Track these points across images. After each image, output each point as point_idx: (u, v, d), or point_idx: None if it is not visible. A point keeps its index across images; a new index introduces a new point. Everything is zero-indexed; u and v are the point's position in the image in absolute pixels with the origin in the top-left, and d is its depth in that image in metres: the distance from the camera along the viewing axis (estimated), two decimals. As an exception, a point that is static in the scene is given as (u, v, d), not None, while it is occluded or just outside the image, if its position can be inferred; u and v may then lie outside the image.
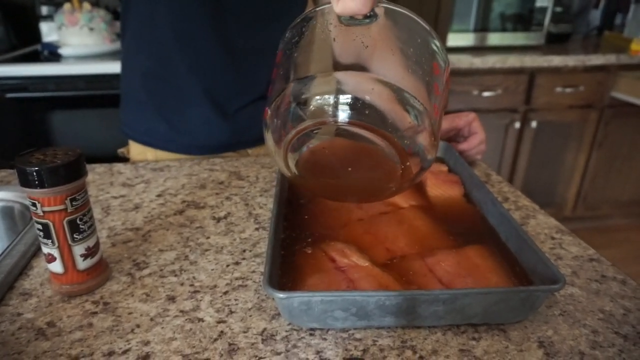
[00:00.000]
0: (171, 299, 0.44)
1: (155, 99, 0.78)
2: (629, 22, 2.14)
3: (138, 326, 0.41)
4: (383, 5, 0.38)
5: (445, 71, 0.40)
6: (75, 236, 0.42)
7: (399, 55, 0.38)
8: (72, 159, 0.40)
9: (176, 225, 0.57)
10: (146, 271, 0.48)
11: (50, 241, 0.42)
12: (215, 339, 0.39)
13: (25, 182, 0.39)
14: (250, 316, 0.42)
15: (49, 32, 1.81)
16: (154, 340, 0.39)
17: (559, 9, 2.04)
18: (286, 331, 0.40)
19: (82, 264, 0.43)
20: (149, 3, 0.72)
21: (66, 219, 0.41)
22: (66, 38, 1.66)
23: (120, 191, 0.66)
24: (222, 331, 0.40)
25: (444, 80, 0.40)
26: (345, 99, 0.36)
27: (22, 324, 0.41)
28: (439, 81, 0.39)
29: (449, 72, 0.41)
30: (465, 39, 1.89)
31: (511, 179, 2.02)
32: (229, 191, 0.66)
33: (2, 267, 0.47)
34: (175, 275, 0.47)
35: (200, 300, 0.44)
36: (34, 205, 0.40)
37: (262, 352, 0.38)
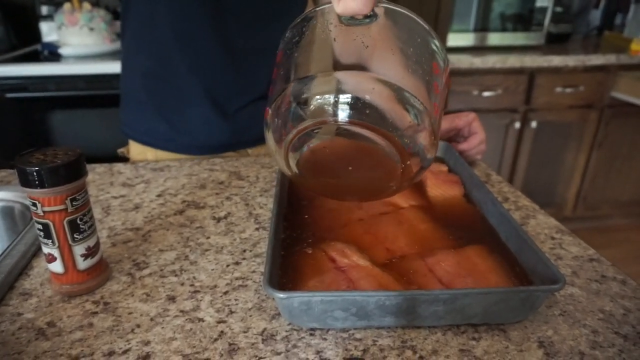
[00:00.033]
0: (171, 299, 0.44)
1: (155, 98, 0.78)
2: (629, 22, 2.14)
3: (138, 326, 0.41)
4: (383, 5, 0.39)
5: (444, 71, 0.41)
6: (75, 236, 0.42)
7: (399, 55, 0.38)
8: (72, 158, 0.40)
9: (176, 225, 0.57)
10: (146, 271, 0.48)
11: (50, 241, 0.42)
12: (216, 339, 0.39)
13: (26, 182, 0.39)
14: (251, 316, 0.42)
15: (49, 32, 1.81)
16: (154, 340, 0.39)
17: (559, 9, 2.04)
18: (286, 331, 0.40)
19: (82, 264, 0.44)
20: (149, 3, 0.72)
21: (66, 219, 0.41)
22: (66, 38, 1.66)
23: (120, 191, 0.66)
24: (222, 331, 0.40)
25: (444, 80, 0.40)
26: (346, 98, 0.36)
27: (22, 323, 0.41)
28: (438, 81, 0.39)
29: (448, 71, 0.41)
30: (465, 39, 1.89)
31: (511, 179, 2.02)
32: (229, 191, 0.66)
33: (2, 267, 0.47)
34: (176, 275, 0.47)
35: (201, 300, 0.44)
36: (34, 205, 0.40)
37: (262, 352, 0.38)
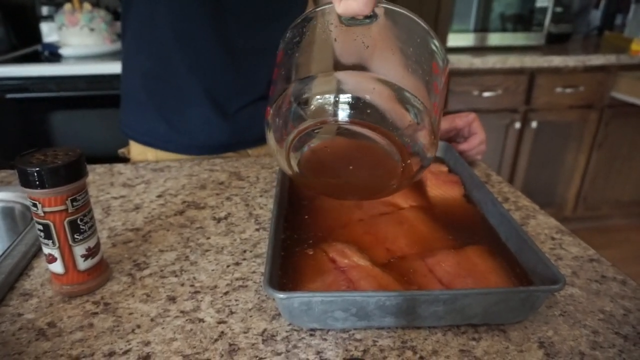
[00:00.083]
0: (172, 299, 0.44)
1: (155, 99, 0.78)
2: (629, 22, 2.14)
3: (139, 326, 0.41)
4: (383, 6, 0.39)
5: (444, 70, 0.41)
6: (75, 236, 0.42)
7: (399, 55, 0.38)
8: (72, 159, 0.40)
9: (176, 225, 0.57)
10: (146, 271, 0.48)
11: (50, 241, 0.42)
12: (216, 340, 0.39)
13: (26, 182, 0.39)
14: (251, 316, 0.42)
15: (49, 32, 1.81)
16: (154, 340, 0.39)
17: (559, 9, 2.04)
18: (286, 331, 0.40)
19: (82, 264, 0.44)
20: (149, 3, 0.72)
21: (67, 219, 0.41)
22: (66, 38, 1.66)
23: (120, 191, 0.66)
24: (222, 331, 0.40)
25: (443, 80, 0.41)
26: (346, 98, 0.36)
27: (22, 324, 0.41)
28: (438, 80, 0.40)
29: (447, 71, 0.42)
30: (466, 39, 1.89)
31: (511, 179, 2.02)
32: (229, 192, 0.66)
33: (2, 268, 0.47)
34: (176, 276, 0.47)
35: (201, 301, 0.44)
36: (34, 205, 0.40)
37: (262, 352, 0.38)
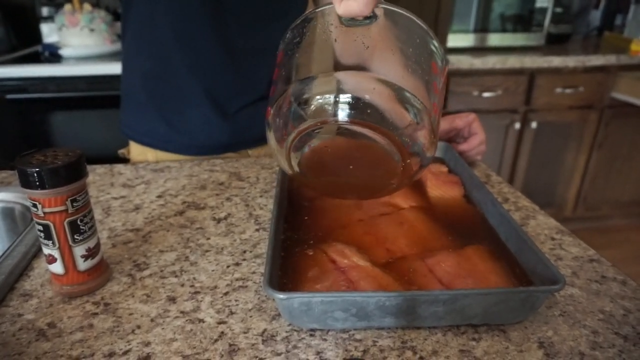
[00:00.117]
0: (172, 299, 0.44)
1: (155, 99, 0.78)
2: (629, 22, 2.14)
3: (139, 327, 0.41)
4: (382, 6, 0.39)
5: (443, 70, 0.41)
6: (75, 237, 0.42)
7: (399, 55, 0.38)
8: (72, 159, 0.40)
9: (176, 226, 0.57)
10: (147, 272, 0.48)
11: (50, 242, 0.42)
12: (216, 340, 0.39)
13: (26, 183, 0.39)
14: (251, 317, 0.42)
15: (49, 33, 1.81)
16: (154, 341, 0.39)
17: (559, 10, 2.04)
18: (286, 332, 0.40)
19: (82, 264, 0.44)
20: (149, 3, 0.72)
21: (67, 219, 0.41)
22: (67, 39, 1.66)
23: (120, 192, 0.66)
24: (222, 332, 0.40)
25: (443, 80, 0.41)
26: (346, 98, 0.36)
27: (22, 324, 0.41)
28: (437, 80, 0.40)
29: (446, 71, 0.42)
30: (465, 39, 1.89)
31: (511, 179, 2.02)
32: (229, 192, 0.66)
33: (2, 268, 0.47)
34: (176, 276, 0.47)
35: (201, 301, 0.44)
36: (34, 206, 0.40)
37: (262, 352, 0.38)
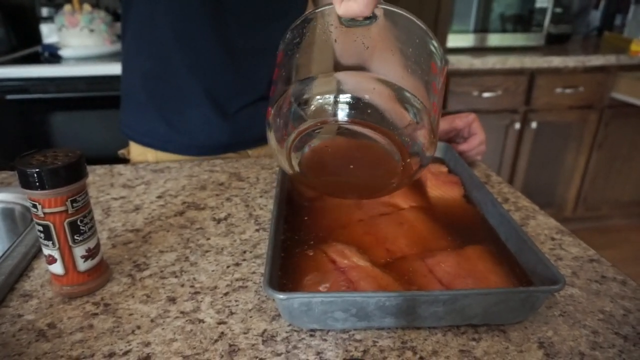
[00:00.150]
0: (172, 300, 0.44)
1: (155, 99, 0.78)
2: (628, 22, 2.14)
3: (139, 327, 0.41)
4: (382, 7, 0.39)
5: (442, 70, 0.41)
6: (75, 237, 0.42)
7: (399, 56, 0.39)
8: (72, 160, 0.40)
9: (176, 226, 0.57)
10: (147, 272, 0.48)
11: (50, 242, 0.42)
12: (216, 340, 0.39)
13: (26, 183, 0.39)
14: (251, 317, 0.42)
15: (49, 33, 1.81)
16: (154, 341, 0.39)
17: (558, 10, 2.04)
18: (286, 332, 0.40)
19: (82, 265, 0.44)
20: (149, 3, 0.72)
21: (67, 220, 0.41)
22: (66, 39, 1.66)
23: (120, 192, 0.66)
24: (222, 332, 0.40)
25: (442, 80, 0.41)
26: (346, 98, 0.36)
27: (22, 325, 0.41)
28: (437, 80, 0.40)
29: (446, 71, 0.42)
30: (465, 39, 1.89)
31: (511, 179, 2.02)
32: (229, 192, 0.66)
33: (2, 269, 0.47)
34: (176, 277, 0.47)
35: (201, 302, 0.44)
36: (34, 206, 0.40)
37: (262, 353, 0.38)
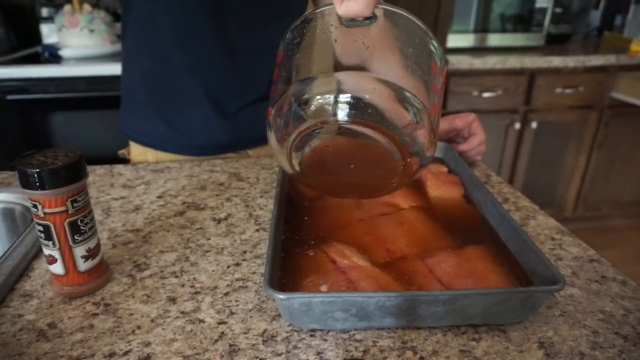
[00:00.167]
0: (172, 300, 0.44)
1: (155, 99, 0.78)
2: (628, 22, 2.14)
3: (139, 327, 0.41)
4: (382, 7, 0.39)
5: (442, 70, 0.41)
6: (76, 237, 0.42)
7: (399, 56, 0.39)
8: (72, 160, 0.40)
9: (177, 226, 0.57)
10: (147, 272, 0.48)
11: (51, 243, 0.42)
12: (216, 340, 0.39)
13: (26, 183, 0.39)
14: (251, 317, 0.42)
15: (49, 33, 1.81)
16: (154, 341, 0.39)
17: (558, 10, 2.04)
18: (287, 332, 0.40)
19: (83, 265, 0.44)
20: (149, 3, 0.72)
21: (67, 220, 0.41)
22: (66, 40, 1.66)
23: (120, 192, 0.66)
24: (222, 332, 0.40)
25: (441, 80, 0.41)
26: (346, 98, 0.37)
27: (23, 325, 0.41)
28: (436, 80, 0.40)
29: (445, 71, 0.42)
30: (465, 39, 1.89)
31: (511, 179, 2.02)
32: (229, 192, 0.66)
33: (3, 269, 0.47)
34: (176, 277, 0.48)
35: (201, 302, 0.44)
36: (34, 206, 0.40)
37: (262, 353, 0.38)
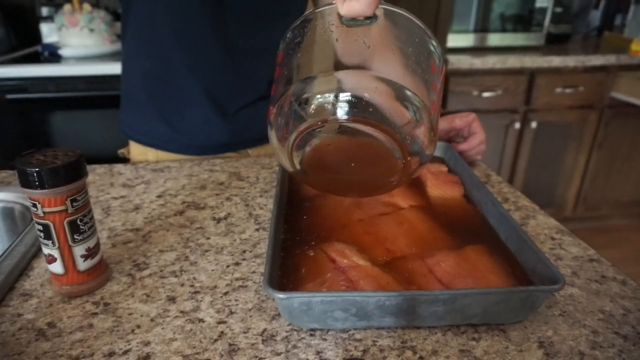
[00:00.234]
0: (171, 299, 0.44)
1: (155, 99, 0.78)
2: (628, 22, 2.14)
3: (138, 327, 0.41)
4: (382, 7, 0.39)
5: (441, 70, 0.41)
6: (75, 237, 0.42)
7: (399, 55, 0.39)
8: (72, 159, 0.40)
9: (176, 226, 0.57)
10: (146, 272, 0.48)
11: (50, 242, 0.42)
12: (216, 340, 0.39)
13: (26, 182, 0.39)
14: (251, 317, 0.42)
15: (49, 33, 1.81)
16: (154, 340, 0.39)
17: (558, 10, 2.04)
18: (286, 331, 0.40)
19: (82, 264, 0.44)
20: (149, 3, 0.72)
21: (66, 219, 0.41)
22: (66, 39, 1.66)
23: (120, 192, 0.66)
24: (222, 332, 0.40)
25: (441, 79, 0.41)
26: (346, 96, 0.37)
27: (22, 324, 0.41)
28: (436, 79, 0.40)
29: (444, 70, 0.42)
30: (465, 39, 1.89)
31: (511, 179, 2.02)
32: (229, 192, 0.66)
33: (2, 268, 0.47)
34: (176, 276, 0.47)
35: (201, 301, 0.44)
36: (34, 206, 0.40)
37: (262, 352, 0.38)
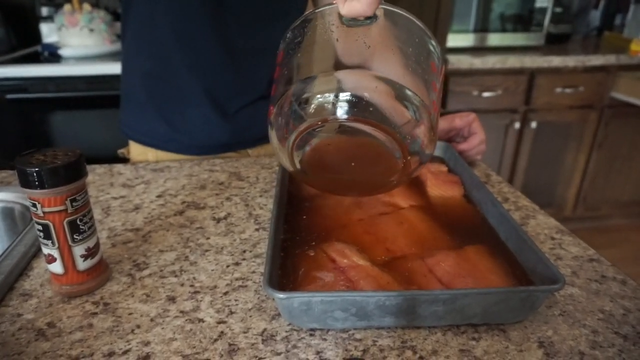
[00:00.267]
0: (171, 299, 0.44)
1: (155, 99, 0.78)
2: (628, 22, 2.14)
3: (138, 327, 0.41)
4: (382, 7, 0.39)
5: (441, 70, 0.41)
6: (75, 237, 0.42)
7: (399, 55, 0.39)
8: (72, 159, 0.40)
9: (176, 225, 0.57)
10: (146, 272, 0.48)
11: (50, 242, 0.42)
12: (216, 340, 0.39)
13: (26, 182, 0.39)
14: (251, 316, 0.42)
15: (49, 33, 1.81)
16: (154, 340, 0.39)
17: (558, 10, 2.04)
18: (286, 331, 0.40)
19: (82, 264, 0.44)
20: (149, 3, 0.72)
21: (66, 219, 0.41)
22: (66, 39, 1.66)
23: (120, 192, 0.66)
24: (222, 331, 0.40)
25: (441, 79, 0.41)
26: (346, 96, 0.37)
27: (22, 324, 0.41)
28: (436, 79, 0.40)
29: (444, 70, 0.43)
30: (465, 39, 1.89)
31: (511, 179, 2.02)
32: (229, 192, 0.66)
33: (2, 268, 0.47)
34: (176, 276, 0.47)
35: (201, 301, 0.44)
36: (34, 205, 0.40)
37: (262, 352, 0.38)
